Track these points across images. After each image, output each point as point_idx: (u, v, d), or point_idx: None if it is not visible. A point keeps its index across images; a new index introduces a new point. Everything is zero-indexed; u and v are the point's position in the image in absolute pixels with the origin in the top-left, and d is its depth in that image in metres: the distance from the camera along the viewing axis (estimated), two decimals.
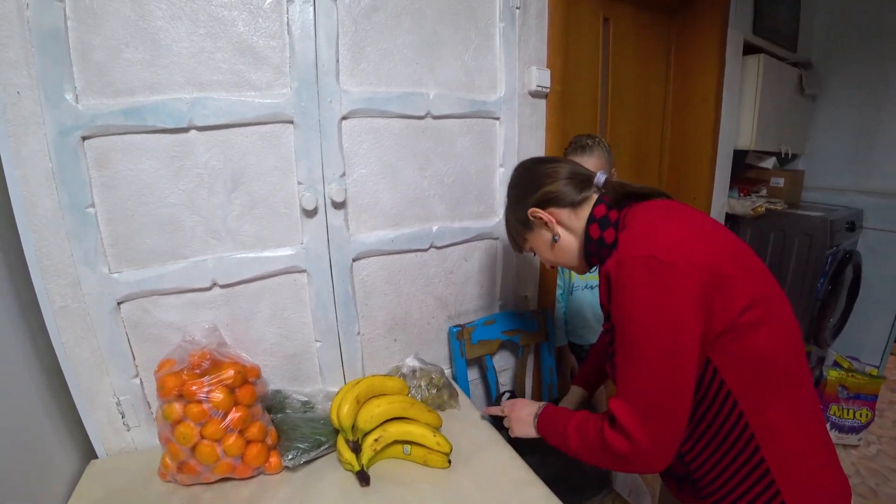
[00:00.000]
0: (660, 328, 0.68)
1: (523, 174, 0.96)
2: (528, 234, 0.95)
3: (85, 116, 0.91)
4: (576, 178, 0.89)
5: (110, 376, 1.06)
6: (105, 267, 1.00)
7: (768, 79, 2.20)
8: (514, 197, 0.96)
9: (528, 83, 1.36)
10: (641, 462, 0.74)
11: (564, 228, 0.89)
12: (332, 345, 1.24)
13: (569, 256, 0.91)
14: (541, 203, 0.89)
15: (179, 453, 0.97)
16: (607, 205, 0.84)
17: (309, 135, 1.07)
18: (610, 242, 0.82)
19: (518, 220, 0.94)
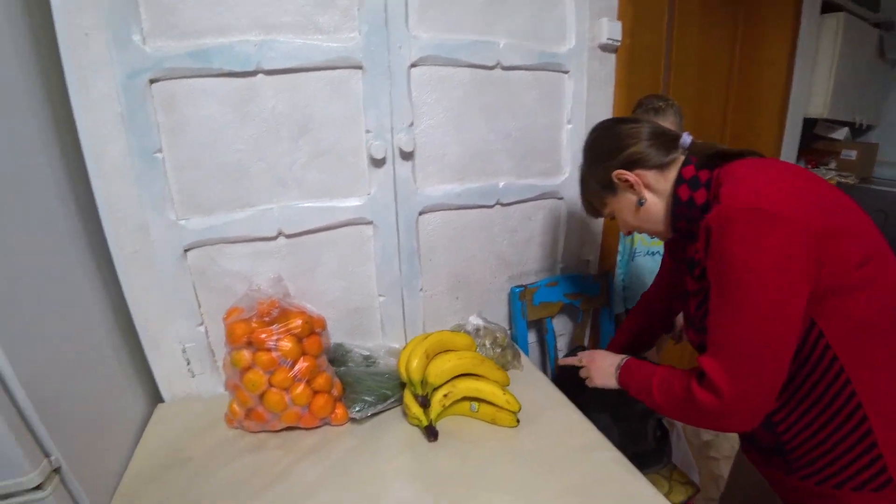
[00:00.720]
0: (766, 280, 0.64)
1: (603, 134, 0.90)
2: (610, 198, 0.90)
3: (152, 59, 0.89)
4: (660, 138, 0.84)
5: (176, 323, 1.07)
6: (172, 213, 0.99)
7: (847, 40, 2.04)
8: (594, 158, 0.91)
9: (598, 35, 1.28)
10: (727, 419, 0.71)
11: (651, 191, 0.84)
12: (395, 300, 1.22)
13: (654, 221, 0.86)
14: (626, 165, 0.84)
15: (248, 400, 0.98)
16: (696, 165, 0.80)
17: (378, 81, 1.03)
18: (701, 203, 0.77)
19: (599, 182, 0.89)
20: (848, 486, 0.71)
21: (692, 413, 0.75)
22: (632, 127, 0.86)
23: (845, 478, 0.71)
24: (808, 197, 0.67)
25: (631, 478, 0.88)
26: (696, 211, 0.78)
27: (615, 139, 0.86)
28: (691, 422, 0.78)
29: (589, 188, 0.94)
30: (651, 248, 1.52)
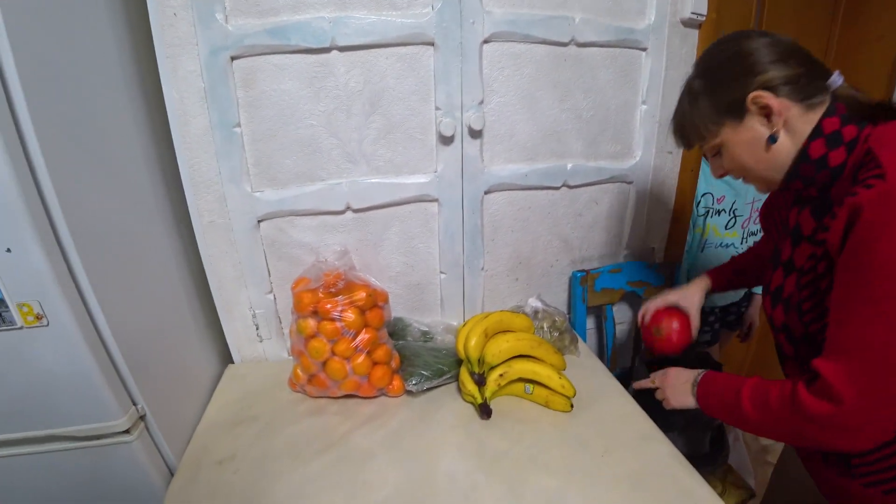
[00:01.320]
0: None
1: (738, 45, 0.71)
2: (730, 127, 0.72)
3: (234, 36, 0.93)
4: (811, 65, 0.68)
5: (248, 290, 1.13)
6: (248, 185, 1.04)
7: None
8: (721, 73, 0.73)
9: (680, 9, 1.20)
10: (844, 433, 0.62)
11: (787, 130, 0.68)
12: (456, 277, 1.23)
13: (775, 168, 0.71)
14: (770, 87, 0.67)
15: (311, 366, 1.03)
16: (842, 118, 0.65)
17: (449, 58, 1.02)
18: (834, 166, 0.66)
19: (723, 104, 0.72)
20: None
21: (798, 425, 0.65)
22: (775, 40, 0.70)
23: None
24: None
25: (685, 473, 0.86)
26: (825, 174, 0.67)
27: (754, 54, 0.69)
28: (794, 439, 0.69)
29: (701, 108, 0.75)
30: (724, 240, 1.44)
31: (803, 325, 0.70)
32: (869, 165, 0.59)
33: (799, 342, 0.73)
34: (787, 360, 0.80)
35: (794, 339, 0.74)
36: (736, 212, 1.42)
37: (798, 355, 0.75)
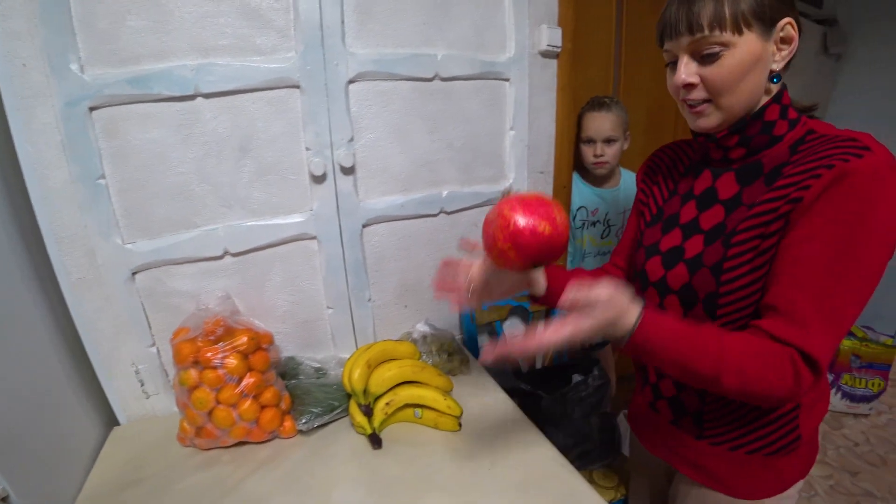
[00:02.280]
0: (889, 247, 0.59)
1: None
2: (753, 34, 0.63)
3: (91, 86, 0.90)
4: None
5: (128, 345, 1.08)
6: (118, 237, 1.00)
7: None
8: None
9: (538, 42, 1.31)
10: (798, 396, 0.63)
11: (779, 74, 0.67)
12: (344, 311, 1.24)
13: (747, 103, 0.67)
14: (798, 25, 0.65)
15: (197, 418, 1.00)
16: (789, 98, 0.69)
17: (316, 99, 1.05)
18: (776, 135, 0.68)
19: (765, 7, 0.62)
20: (762, 453, 0.75)
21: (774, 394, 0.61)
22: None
23: (763, 445, 0.74)
24: None
25: (569, 475, 0.92)
26: (764, 139, 0.68)
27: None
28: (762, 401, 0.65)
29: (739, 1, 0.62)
30: (602, 248, 1.57)
31: (717, 284, 0.68)
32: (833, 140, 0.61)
33: (697, 303, 0.71)
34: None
35: (693, 300, 0.72)
36: (609, 222, 1.55)
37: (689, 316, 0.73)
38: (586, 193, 1.54)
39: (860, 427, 2.27)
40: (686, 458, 0.84)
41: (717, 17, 0.63)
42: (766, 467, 0.76)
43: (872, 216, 0.57)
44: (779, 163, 0.66)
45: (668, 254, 0.76)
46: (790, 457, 0.75)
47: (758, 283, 0.65)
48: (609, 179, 1.56)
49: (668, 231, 0.78)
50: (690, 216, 0.75)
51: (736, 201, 0.70)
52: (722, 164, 0.74)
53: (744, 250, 0.66)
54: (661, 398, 0.85)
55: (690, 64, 0.68)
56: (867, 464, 2.03)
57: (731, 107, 0.67)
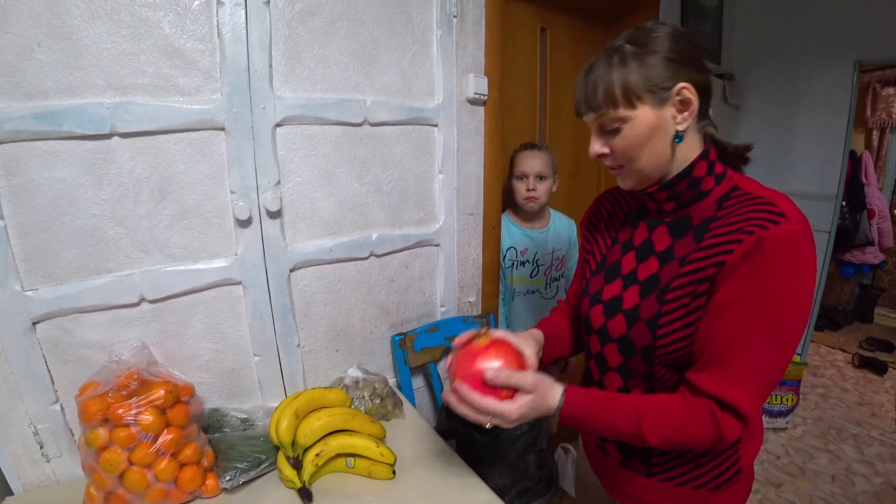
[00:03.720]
0: (804, 306, 0.64)
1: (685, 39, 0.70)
2: (647, 105, 0.68)
3: None
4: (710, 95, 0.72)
5: (25, 403, 0.98)
6: (17, 284, 0.92)
7: None
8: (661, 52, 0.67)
9: (465, 90, 1.38)
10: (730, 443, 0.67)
11: (686, 136, 0.70)
12: (272, 358, 1.20)
13: (657, 166, 0.72)
14: (699, 87, 0.68)
15: (106, 482, 0.91)
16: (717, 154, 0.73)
17: (241, 142, 1.04)
18: (704, 190, 0.71)
19: (648, 80, 0.67)
20: (707, 487, 0.78)
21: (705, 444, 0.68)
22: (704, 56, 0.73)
23: (707, 480, 0.78)
24: None
25: None
26: (692, 194, 0.72)
27: (697, 53, 0.70)
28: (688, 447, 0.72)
29: (626, 76, 0.68)
30: (530, 287, 1.62)
31: (653, 338, 0.72)
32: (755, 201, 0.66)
33: (636, 354, 0.75)
34: (609, 371, 0.82)
35: (631, 350, 0.76)
36: (538, 261, 1.61)
37: (627, 366, 0.78)
38: (516, 234, 1.60)
39: (780, 441, 2.43)
40: (635, 496, 0.85)
41: (610, 96, 0.69)
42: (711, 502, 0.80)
43: (787, 283, 0.62)
44: (706, 217, 0.71)
45: (609, 303, 0.80)
46: (731, 489, 0.79)
47: (690, 338, 0.70)
48: (539, 219, 1.63)
49: (611, 280, 0.82)
50: (630, 267, 0.79)
51: (669, 254, 0.74)
52: (657, 215, 0.79)
53: (677, 307, 0.70)
54: (609, 441, 0.87)
55: (600, 136, 0.74)
56: (788, 475, 2.18)
57: (641, 170, 0.73)
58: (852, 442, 2.40)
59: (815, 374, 3.10)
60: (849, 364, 3.22)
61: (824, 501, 2.01)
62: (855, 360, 3.19)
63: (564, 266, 1.68)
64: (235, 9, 1.00)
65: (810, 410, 2.69)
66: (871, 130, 3.75)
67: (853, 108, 2.59)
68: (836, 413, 2.66)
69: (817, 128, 2.70)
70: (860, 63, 2.51)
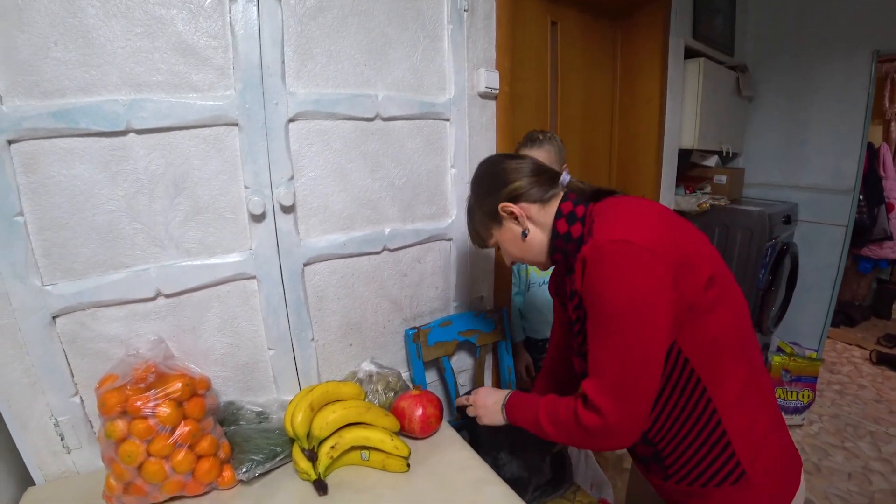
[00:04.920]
0: (635, 307, 0.71)
1: (490, 169, 0.97)
2: (496, 229, 0.95)
3: (10, 119, 0.86)
4: (542, 174, 0.91)
5: (46, 396, 1.00)
6: (37, 279, 0.94)
7: (708, 81, 2.31)
8: (481, 192, 0.96)
9: (476, 84, 1.38)
10: (612, 437, 0.78)
11: (533, 223, 0.90)
12: (286, 352, 1.21)
13: (536, 251, 0.92)
14: (511, 198, 0.90)
15: (125, 473, 0.92)
16: (574, 201, 0.87)
17: (255, 138, 1.05)
18: (577, 236, 0.85)
19: (486, 214, 0.94)
20: (711, 484, 0.80)
21: (579, 436, 0.81)
22: (516, 163, 0.93)
23: (708, 476, 0.80)
24: (666, 230, 0.77)
25: None
26: (573, 244, 0.85)
27: (501, 174, 0.92)
28: (579, 444, 0.86)
29: (476, 219, 0.98)
30: (545, 278, 1.61)
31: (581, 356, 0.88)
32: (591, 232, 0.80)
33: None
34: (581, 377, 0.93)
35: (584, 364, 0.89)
36: None
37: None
38: None
39: (795, 437, 2.40)
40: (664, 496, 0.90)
41: (478, 237, 1.01)
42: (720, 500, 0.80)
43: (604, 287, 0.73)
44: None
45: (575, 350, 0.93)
46: (743, 490, 0.79)
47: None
48: None
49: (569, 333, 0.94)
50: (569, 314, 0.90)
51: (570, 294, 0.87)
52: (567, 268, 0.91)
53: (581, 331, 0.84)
54: (632, 451, 0.93)
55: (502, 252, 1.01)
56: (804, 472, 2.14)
57: (531, 260, 0.96)
58: (869, 439, 2.36)
59: (832, 371, 3.05)
60: (866, 360, 3.16)
61: (841, 499, 1.98)
62: (872, 356, 3.13)
63: None
64: (248, 5, 1.01)
65: (826, 407, 2.65)
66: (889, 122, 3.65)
67: (871, 99, 2.53)
68: (853, 410, 2.62)
69: (833, 120, 2.65)
70: (878, 53, 2.46)
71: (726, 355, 0.77)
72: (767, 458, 0.79)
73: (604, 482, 1.68)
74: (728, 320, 0.77)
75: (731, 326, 0.77)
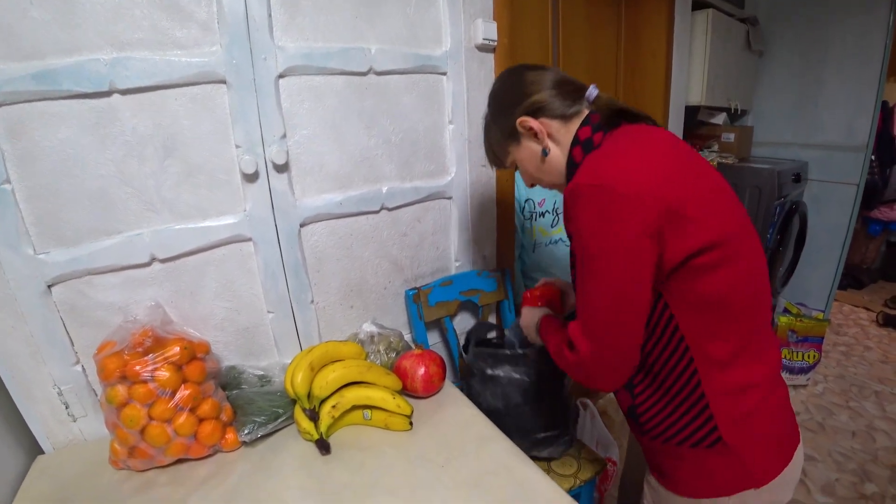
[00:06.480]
0: (613, 253, 0.68)
1: (509, 81, 0.89)
2: (514, 147, 0.88)
3: None
4: (565, 87, 0.82)
5: (48, 365, 1.00)
6: (29, 248, 0.92)
7: (717, 34, 2.22)
8: (498, 106, 0.89)
9: (474, 36, 1.32)
10: (590, 377, 0.77)
11: (554, 142, 0.83)
12: (286, 315, 1.19)
13: (557, 173, 0.85)
14: (531, 112, 0.82)
15: (128, 438, 0.93)
16: (594, 126, 0.79)
17: (244, 95, 1.01)
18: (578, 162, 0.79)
19: (503, 130, 0.87)
20: (687, 444, 0.78)
21: (565, 369, 0.81)
22: (537, 74, 0.84)
23: (685, 436, 0.77)
24: (664, 176, 0.69)
25: (522, 466, 0.92)
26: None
27: (520, 86, 0.84)
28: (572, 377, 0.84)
29: (493, 137, 0.91)
30: (552, 237, 1.59)
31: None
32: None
33: None
34: None
35: None
36: (558, 210, 1.57)
37: None
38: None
39: (800, 397, 2.40)
40: (643, 453, 0.90)
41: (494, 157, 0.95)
42: (697, 462, 0.78)
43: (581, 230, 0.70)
44: None
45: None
46: (719, 456, 0.76)
47: None
48: None
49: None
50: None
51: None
52: None
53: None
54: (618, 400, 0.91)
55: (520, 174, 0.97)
56: (807, 430, 2.16)
57: (551, 182, 0.89)
58: (874, 399, 2.36)
59: (838, 333, 3.03)
60: (872, 323, 3.14)
61: (844, 456, 1.99)
62: (879, 318, 3.11)
63: None
64: None
65: (832, 368, 2.65)
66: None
67: (888, 53, 2.42)
68: (859, 371, 2.61)
69: (847, 75, 2.55)
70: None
71: (720, 316, 0.72)
72: (752, 426, 0.75)
73: (610, 442, 1.69)
74: (732, 282, 0.72)
75: (734, 289, 0.72)
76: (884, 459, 1.96)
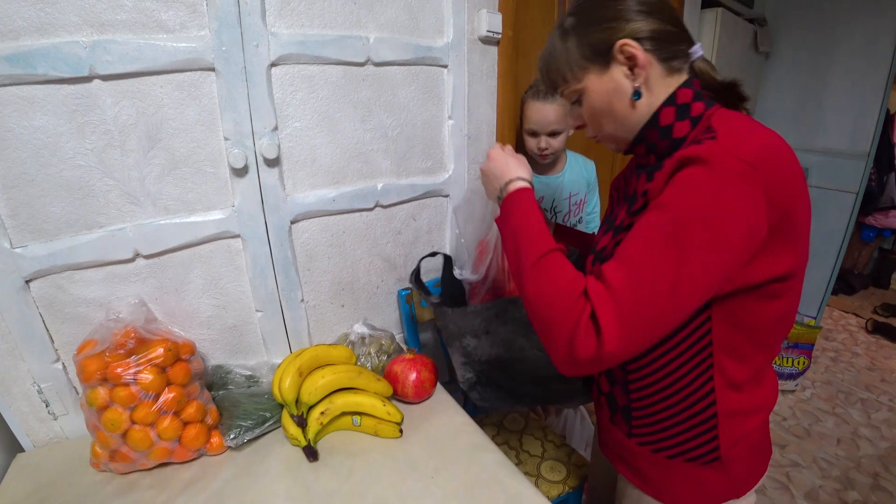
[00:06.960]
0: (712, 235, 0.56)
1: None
2: (595, 73, 0.69)
3: None
4: (679, 28, 0.67)
5: (27, 362, 0.96)
6: (6, 241, 0.88)
7: (725, 33, 2.18)
8: (595, 13, 0.68)
9: (477, 28, 1.27)
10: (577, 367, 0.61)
11: (648, 90, 0.67)
12: (275, 313, 1.16)
13: (628, 127, 0.70)
14: (640, 39, 0.64)
15: (109, 441, 0.90)
16: (696, 93, 0.67)
17: (234, 83, 0.96)
18: (677, 137, 0.66)
19: (591, 45, 0.67)
20: (681, 458, 0.74)
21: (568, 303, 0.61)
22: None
23: (682, 451, 0.74)
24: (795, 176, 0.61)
25: (512, 479, 0.89)
26: (667, 144, 0.68)
27: (631, 2, 0.66)
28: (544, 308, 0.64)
29: (571, 47, 0.69)
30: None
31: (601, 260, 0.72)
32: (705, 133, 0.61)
33: None
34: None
35: None
36: (555, 209, 1.53)
37: None
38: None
39: (787, 403, 2.41)
40: (623, 457, 0.84)
41: (560, 73, 0.72)
42: (688, 477, 0.76)
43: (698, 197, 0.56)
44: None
45: (597, 253, 0.78)
46: (712, 471, 0.74)
47: None
48: (554, 167, 1.54)
49: (605, 232, 0.79)
50: (621, 218, 0.75)
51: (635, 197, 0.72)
52: (642, 167, 0.75)
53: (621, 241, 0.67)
54: (602, 394, 0.84)
55: (573, 109, 0.76)
56: (794, 436, 2.17)
57: (614, 134, 0.73)
58: (860, 406, 2.38)
59: (827, 338, 3.05)
60: (861, 329, 3.16)
61: (828, 463, 2.00)
62: (868, 325, 3.13)
63: (582, 211, 1.58)
64: None
65: (820, 373, 2.66)
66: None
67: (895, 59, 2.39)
68: (846, 377, 2.62)
69: (853, 80, 2.51)
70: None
71: (757, 341, 0.68)
72: (747, 444, 0.74)
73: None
74: (787, 310, 0.66)
75: (782, 320, 0.67)
76: (867, 467, 1.97)
